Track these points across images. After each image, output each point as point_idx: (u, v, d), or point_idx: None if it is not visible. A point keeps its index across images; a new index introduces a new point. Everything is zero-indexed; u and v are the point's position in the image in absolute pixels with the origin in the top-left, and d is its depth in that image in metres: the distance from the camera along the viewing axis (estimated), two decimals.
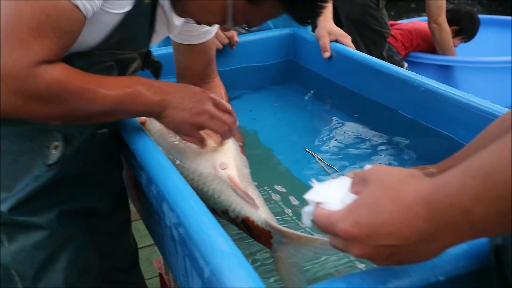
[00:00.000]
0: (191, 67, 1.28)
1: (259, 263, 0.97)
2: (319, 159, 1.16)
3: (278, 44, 1.75)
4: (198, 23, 1.06)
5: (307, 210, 0.64)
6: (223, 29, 1.62)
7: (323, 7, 0.96)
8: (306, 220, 0.65)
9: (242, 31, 0.99)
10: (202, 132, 1.04)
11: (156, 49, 1.63)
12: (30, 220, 0.97)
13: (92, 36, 0.92)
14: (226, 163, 1.01)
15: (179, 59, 1.29)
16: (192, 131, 1.01)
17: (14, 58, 0.78)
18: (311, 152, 1.17)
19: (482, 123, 0.88)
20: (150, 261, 2.27)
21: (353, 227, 0.53)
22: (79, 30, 0.85)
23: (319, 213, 0.59)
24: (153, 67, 1.14)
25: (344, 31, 1.60)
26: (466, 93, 1.17)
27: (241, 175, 1.02)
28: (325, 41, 1.55)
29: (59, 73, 0.83)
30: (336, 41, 1.57)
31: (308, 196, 0.63)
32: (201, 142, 1.05)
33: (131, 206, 1.30)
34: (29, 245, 0.97)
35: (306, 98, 1.66)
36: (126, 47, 0.97)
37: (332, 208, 0.59)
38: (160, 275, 1.64)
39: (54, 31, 0.80)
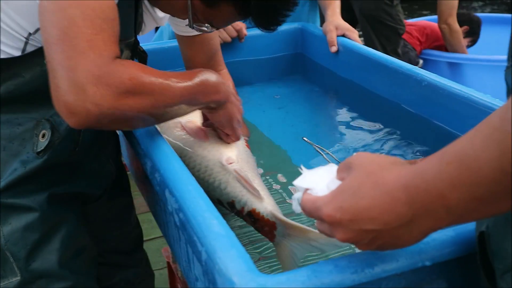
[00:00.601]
0: (194, 58, 1.31)
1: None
2: (318, 147, 1.18)
3: (287, 37, 1.76)
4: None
5: (296, 197, 0.65)
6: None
7: (284, 14, 0.98)
8: (296, 207, 0.66)
9: (206, 30, 1.01)
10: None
11: (167, 42, 1.67)
12: (21, 203, 0.99)
13: None
14: (232, 157, 1.04)
15: (183, 51, 1.33)
16: (236, 125, 1.08)
17: (91, 60, 0.78)
18: (308, 141, 1.20)
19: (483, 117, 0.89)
20: (161, 252, 2.30)
21: (337, 212, 0.55)
22: (118, 16, 0.87)
23: (306, 199, 0.61)
24: (140, 57, 1.17)
25: (359, 27, 1.61)
26: (467, 88, 1.18)
27: (247, 167, 1.04)
28: (332, 36, 1.57)
29: (133, 68, 0.84)
30: (343, 35, 1.58)
31: (296, 182, 0.64)
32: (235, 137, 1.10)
33: (142, 198, 1.33)
34: (21, 226, 0.99)
35: (313, 91, 1.67)
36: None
37: (318, 194, 0.60)
38: (168, 264, 1.67)
39: (105, 22, 0.82)
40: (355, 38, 1.55)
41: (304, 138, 1.22)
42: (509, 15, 3.76)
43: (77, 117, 0.80)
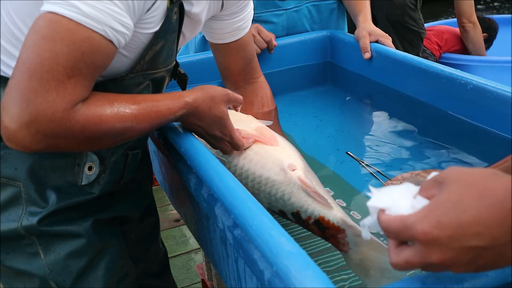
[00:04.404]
0: (230, 66, 1.27)
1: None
2: (362, 162, 1.13)
3: (316, 46, 1.73)
4: None
5: (367, 222, 0.59)
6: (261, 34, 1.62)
7: None
8: (366, 233, 0.61)
9: None
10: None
11: (195, 55, 1.64)
12: (66, 229, 0.97)
13: (125, 60, 0.91)
14: (294, 164, 0.99)
15: (218, 60, 1.29)
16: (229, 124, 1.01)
17: (50, 100, 0.75)
18: (353, 155, 1.14)
19: None
20: (187, 268, 2.27)
21: (434, 228, 0.49)
22: (111, 61, 0.84)
23: (389, 218, 0.54)
24: (180, 79, 1.14)
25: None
26: None
27: (308, 173, 0.99)
28: (366, 42, 1.53)
29: (93, 112, 0.80)
30: (376, 41, 1.55)
31: (371, 203, 0.58)
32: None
33: (168, 213, 1.31)
34: (66, 254, 0.97)
35: (345, 99, 1.64)
36: (157, 65, 0.97)
37: (401, 213, 0.54)
38: (203, 281, 1.63)
39: (88, 67, 0.79)
40: (389, 44, 1.52)
41: (348, 153, 1.17)
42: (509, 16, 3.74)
43: (15, 146, 0.78)
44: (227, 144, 1.02)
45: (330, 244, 0.91)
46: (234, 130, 1.01)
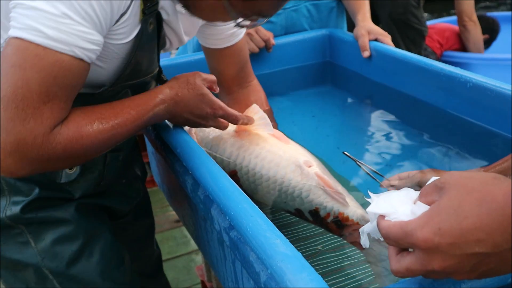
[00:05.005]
0: (224, 71, 1.25)
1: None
2: (360, 162, 1.11)
3: (315, 45, 1.72)
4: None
5: (367, 229, 0.59)
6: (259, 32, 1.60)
7: None
8: (366, 241, 0.60)
9: (259, 23, 0.91)
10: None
11: (190, 55, 1.63)
12: (51, 215, 0.99)
13: (101, 71, 0.91)
14: (310, 160, 0.97)
15: (211, 65, 1.28)
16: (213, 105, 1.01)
17: (28, 128, 0.76)
18: (350, 155, 1.12)
19: None
20: (188, 269, 2.26)
21: (435, 235, 0.48)
22: (85, 77, 0.84)
23: (389, 225, 0.53)
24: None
25: (384, 30, 1.57)
26: None
27: (324, 170, 0.98)
28: (365, 40, 1.52)
29: (73, 130, 0.81)
30: (376, 40, 1.54)
31: (370, 209, 0.57)
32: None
33: (168, 214, 1.31)
34: (54, 239, 0.99)
35: (345, 98, 1.63)
36: (139, 76, 0.97)
37: (401, 219, 0.53)
38: (203, 282, 1.62)
39: (62, 90, 0.79)
40: (388, 43, 1.51)
41: (345, 153, 1.14)
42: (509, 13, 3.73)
43: (2, 173, 0.79)
44: (221, 120, 1.01)
45: (327, 246, 0.90)
46: (223, 104, 1.01)
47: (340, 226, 0.89)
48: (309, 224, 1.00)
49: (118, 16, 0.83)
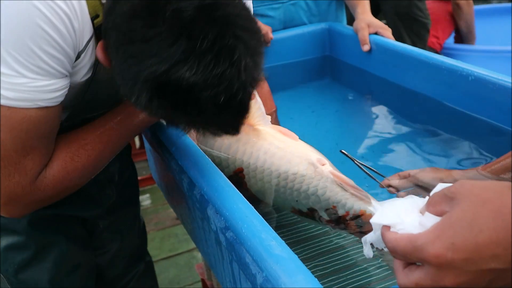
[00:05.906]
0: None
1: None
2: (359, 162, 1.08)
3: (314, 39, 1.71)
4: None
5: (369, 238, 0.56)
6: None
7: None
8: (369, 251, 0.58)
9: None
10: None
11: None
12: (5, 225, 1.02)
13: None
14: (322, 158, 0.92)
15: None
16: None
17: (15, 182, 0.80)
18: (347, 154, 1.09)
19: None
20: (190, 266, 2.25)
21: (448, 250, 0.45)
22: (59, 117, 0.83)
23: (396, 238, 0.50)
24: None
25: (388, 24, 1.55)
26: None
27: (335, 168, 0.93)
28: (364, 34, 1.50)
29: (58, 170, 0.84)
30: (376, 33, 1.52)
31: (374, 219, 0.54)
32: None
33: (170, 211, 1.29)
34: (5, 246, 1.03)
35: (344, 93, 1.61)
36: (99, 108, 0.95)
37: (407, 231, 0.50)
38: (203, 280, 1.60)
39: (39, 139, 0.80)
40: (389, 36, 1.48)
41: (342, 151, 1.11)
42: (509, 4, 3.69)
43: (7, 216, 0.86)
44: None
45: (326, 248, 0.88)
46: None
47: (360, 224, 0.85)
48: (309, 224, 0.98)
49: (75, 56, 0.79)
